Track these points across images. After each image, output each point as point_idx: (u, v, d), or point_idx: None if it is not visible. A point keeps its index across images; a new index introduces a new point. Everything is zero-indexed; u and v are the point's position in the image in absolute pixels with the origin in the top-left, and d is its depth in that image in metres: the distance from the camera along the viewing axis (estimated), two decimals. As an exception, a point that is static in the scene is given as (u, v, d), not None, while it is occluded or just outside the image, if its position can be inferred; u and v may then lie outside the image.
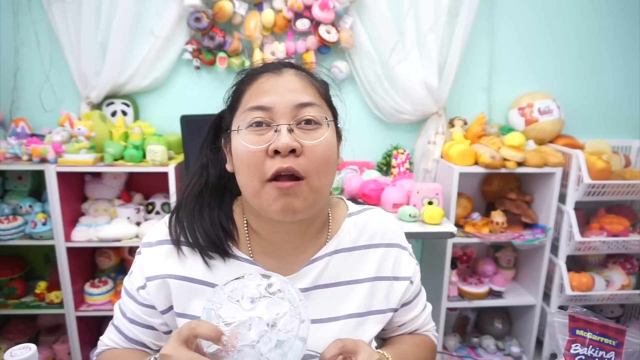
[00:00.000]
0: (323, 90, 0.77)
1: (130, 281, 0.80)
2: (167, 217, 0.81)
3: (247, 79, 0.76)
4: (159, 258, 0.77)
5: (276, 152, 0.68)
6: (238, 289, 0.65)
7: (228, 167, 0.78)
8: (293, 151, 0.68)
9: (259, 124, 0.70)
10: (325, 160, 0.71)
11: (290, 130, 0.69)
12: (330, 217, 0.84)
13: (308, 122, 0.71)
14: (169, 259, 0.77)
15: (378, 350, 0.77)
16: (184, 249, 0.78)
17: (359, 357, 0.66)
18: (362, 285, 0.81)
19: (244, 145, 0.70)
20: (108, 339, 0.83)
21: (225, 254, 0.78)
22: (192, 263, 0.77)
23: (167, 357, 0.59)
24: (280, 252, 0.79)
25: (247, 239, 0.80)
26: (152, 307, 0.77)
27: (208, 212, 0.78)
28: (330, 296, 0.80)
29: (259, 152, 0.69)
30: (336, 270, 0.80)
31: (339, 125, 0.80)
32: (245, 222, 0.81)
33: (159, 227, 0.81)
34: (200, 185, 0.80)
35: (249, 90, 0.74)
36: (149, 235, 0.81)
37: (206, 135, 0.83)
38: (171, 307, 0.77)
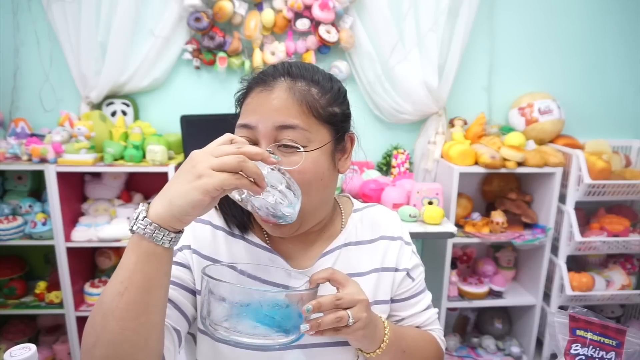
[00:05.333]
0: (321, 102, 0.74)
1: None
2: None
3: (246, 89, 0.77)
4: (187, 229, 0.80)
5: None
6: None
7: None
8: None
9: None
10: (305, 183, 0.71)
11: (271, 154, 0.70)
12: (342, 212, 0.89)
13: (287, 145, 0.71)
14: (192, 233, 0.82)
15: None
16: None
17: (345, 290, 0.69)
18: (369, 276, 0.85)
19: None
20: None
21: (240, 237, 0.82)
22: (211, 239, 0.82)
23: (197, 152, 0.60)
24: (289, 243, 0.83)
25: (264, 230, 0.83)
26: (188, 267, 0.79)
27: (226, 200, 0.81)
28: None
29: None
30: (346, 263, 0.84)
31: (349, 132, 0.80)
32: None
33: None
34: None
35: (244, 103, 0.76)
36: None
37: None
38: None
